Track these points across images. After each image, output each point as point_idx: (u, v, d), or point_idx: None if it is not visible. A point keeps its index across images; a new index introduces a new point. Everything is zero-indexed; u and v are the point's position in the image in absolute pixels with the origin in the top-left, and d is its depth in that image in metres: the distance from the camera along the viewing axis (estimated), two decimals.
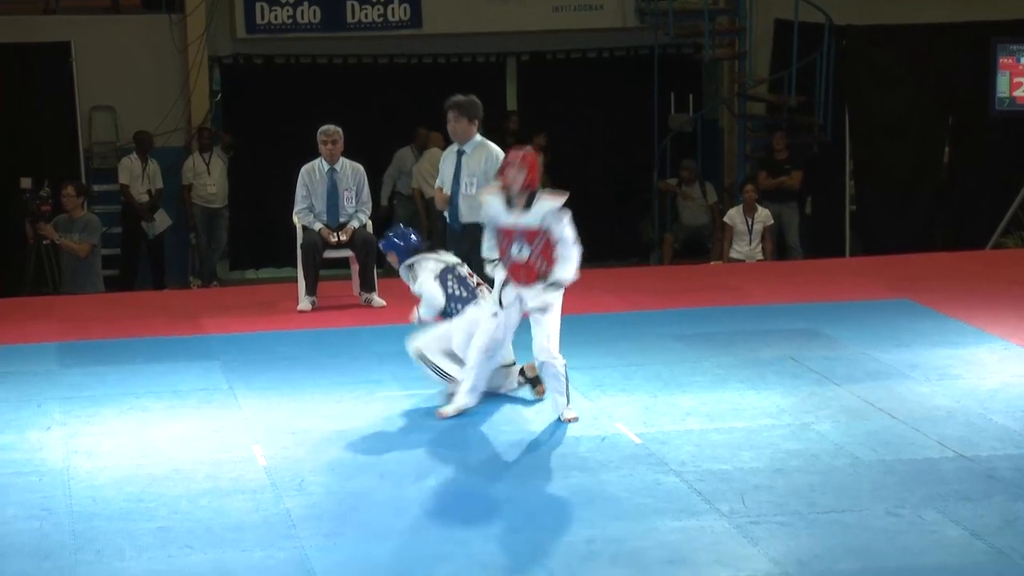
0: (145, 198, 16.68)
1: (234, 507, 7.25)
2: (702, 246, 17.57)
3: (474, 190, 9.79)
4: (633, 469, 7.74)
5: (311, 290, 11.83)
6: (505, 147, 17.52)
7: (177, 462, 7.93)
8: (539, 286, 8.33)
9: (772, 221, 16.07)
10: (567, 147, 18.44)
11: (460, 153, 9.85)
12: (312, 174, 11.91)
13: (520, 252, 8.29)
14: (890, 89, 17.63)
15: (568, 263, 8.34)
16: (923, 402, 8.91)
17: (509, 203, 8.30)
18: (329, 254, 11.87)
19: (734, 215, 16.06)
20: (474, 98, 9.99)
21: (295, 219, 12.05)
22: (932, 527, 6.87)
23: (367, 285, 11.86)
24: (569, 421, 8.44)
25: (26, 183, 14.75)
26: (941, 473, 7.61)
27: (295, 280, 12.10)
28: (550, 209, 8.27)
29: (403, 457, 8.04)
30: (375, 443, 8.30)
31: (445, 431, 8.41)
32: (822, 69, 17.20)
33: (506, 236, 8.33)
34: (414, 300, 9.01)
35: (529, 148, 8.51)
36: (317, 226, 11.78)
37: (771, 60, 18.38)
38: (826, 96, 17.30)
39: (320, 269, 11.93)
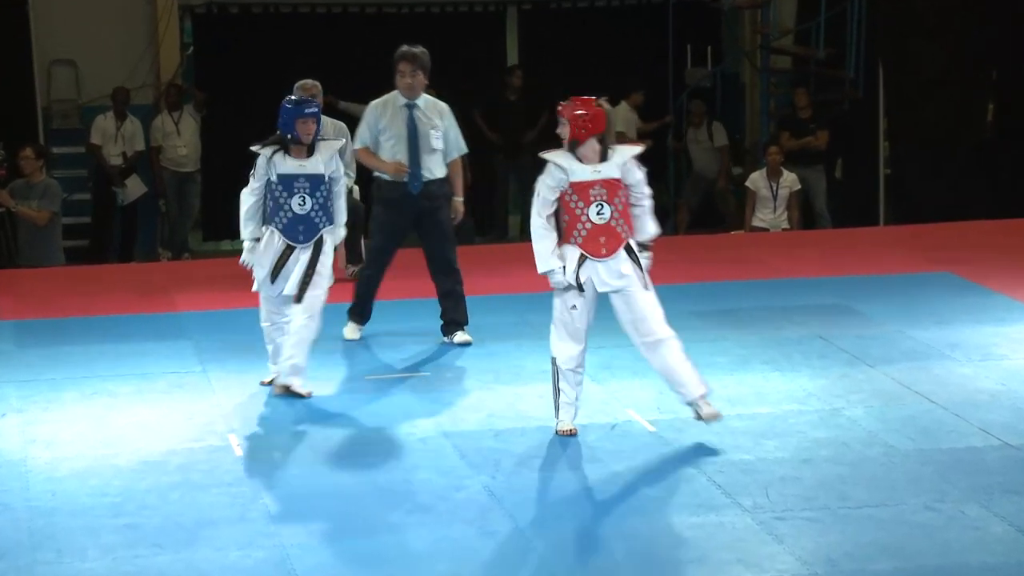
0: (119, 161, 16.64)
1: (208, 502, 7.24)
2: (716, 211, 17.55)
3: (440, 144, 9.89)
4: (646, 460, 7.73)
5: None
6: (507, 104, 17.70)
7: (145, 452, 7.92)
8: (622, 256, 7.96)
9: (799, 186, 16.04)
10: None
11: (411, 107, 9.86)
12: None
13: (600, 213, 7.92)
14: (928, 40, 17.55)
15: (651, 215, 8.11)
16: (965, 385, 8.90)
17: (580, 160, 7.99)
18: None
19: (757, 180, 16.03)
20: (424, 49, 10.05)
21: None
22: (975, 523, 6.86)
23: (353, 257, 11.83)
24: (715, 417, 8.03)
25: None
26: (984, 463, 7.60)
27: None
28: (631, 155, 8.03)
29: (392, 447, 8.04)
30: (362, 432, 8.30)
31: (440, 418, 8.40)
32: (853, 18, 17.17)
33: (582, 196, 7.97)
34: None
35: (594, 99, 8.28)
36: None
37: (797, 8, 18.35)
38: (858, 48, 17.26)
39: None
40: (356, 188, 11.90)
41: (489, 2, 18.61)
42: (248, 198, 9.01)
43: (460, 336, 9.94)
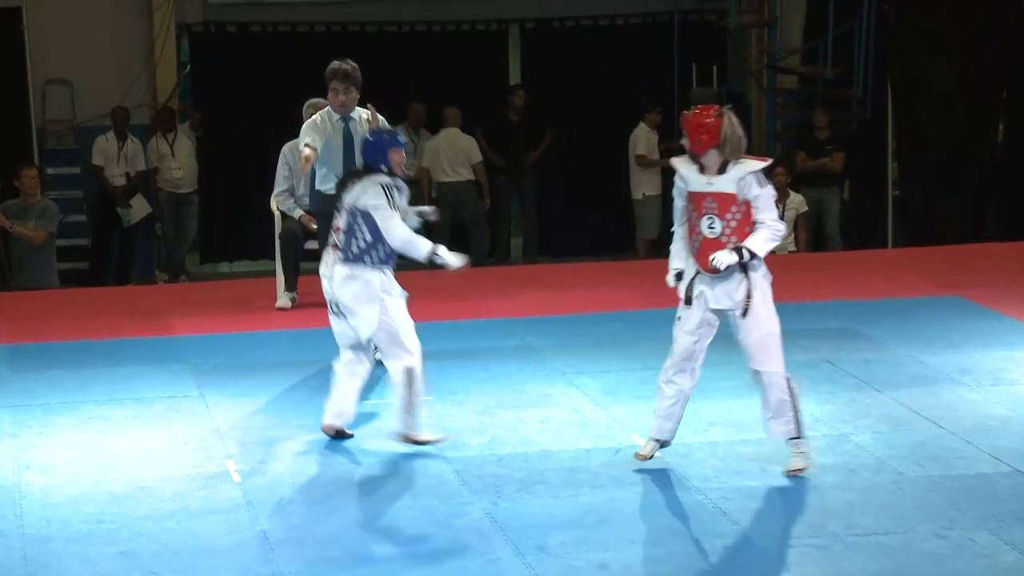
0: (121, 181, 16.69)
1: (205, 529, 7.24)
2: None
3: None
4: (650, 485, 7.74)
5: (291, 286, 11.83)
6: (509, 124, 17.72)
7: (141, 478, 7.93)
8: (737, 276, 7.75)
9: (806, 208, 16.06)
10: (577, 125, 18.45)
11: (347, 121, 9.99)
12: (295, 153, 11.87)
13: (712, 227, 7.72)
14: (937, 59, 17.59)
15: (763, 233, 7.69)
16: (974, 410, 8.91)
17: (701, 169, 7.78)
18: (311, 245, 11.85)
19: None
20: (355, 64, 10.11)
21: (273, 205, 12.04)
22: (985, 550, 6.86)
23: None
24: (797, 472, 7.81)
25: None
26: (995, 490, 7.61)
27: (273, 274, 12.11)
28: (750, 171, 7.77)
29: (394, 473, 8.04)
30: (362, 457, 8.30)
31: (442, 444, 8.39)
32: (861, 37, 17.20)
33: (697, 207, 7.78)
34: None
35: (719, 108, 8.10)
36: (298, 213, 11.76)
37: (804, 27, 18.38)
38: (866, 67, 17.29)
39: (301, 262, 11.93)
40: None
41: (491, 20, 18.65)
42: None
43: None
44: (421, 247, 8.33)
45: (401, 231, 8.30)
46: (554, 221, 18.39)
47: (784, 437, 7.85)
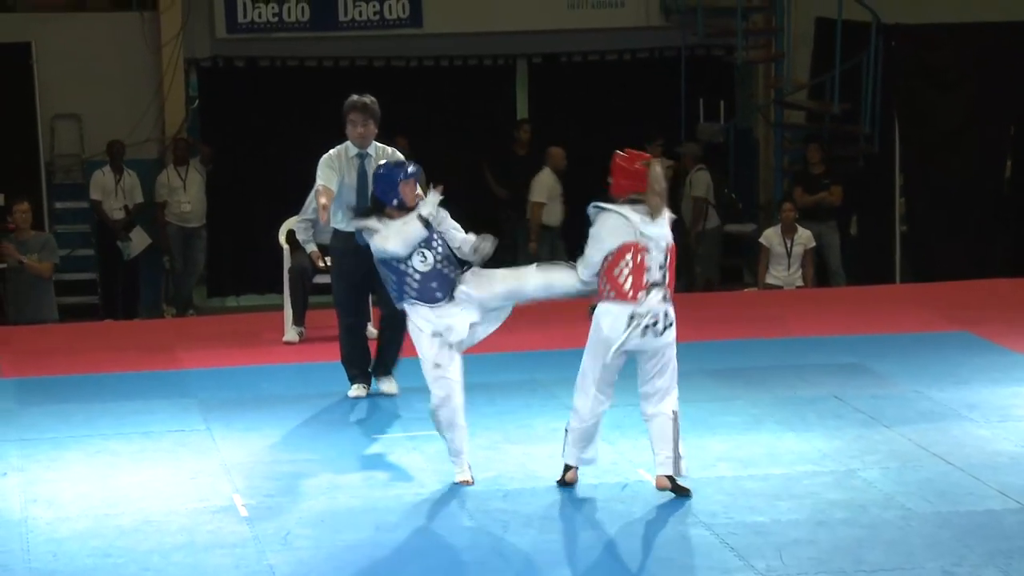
0: (120, 214, 16.72)
1: (212, 563, 7.24)
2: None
3: None
4: (657, 521, 7.73)
5: (299, 320, 11.85)
6: (516, 159, 17.76)
7: (148, 512, 7.93)
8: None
9: (813, 243, 16.07)
10: (583, 160, 18.45)
11: (363, 156, 9.92)
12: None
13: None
14: (945, 95, 17.65)
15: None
16: (983, 447, 8.90)
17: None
18: (319, 279, 11.88)
19: (771, 236, 16.06)
20: (374, 98, 10.08)
21: (281, 238, 12.08)
22: None
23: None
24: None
25: None
26: (1003, 527, 7.60)
27: (280, 308, 12.13)
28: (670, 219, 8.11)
29: (401, 507, 8.04)
30: (370, 491, 8.30)
31: (448, 479, 8.39)
32: (869, 73, 17.22)
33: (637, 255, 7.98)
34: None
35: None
36: (311, 247, 11.75)
37: (811, 63, 18.41)
38: (873, 103, 17.31)
39: (309, 296, 11.95)
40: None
41: (499, 55, 18.70)
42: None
43: (387, 384, 10.11)
44: (412, 233, 8.26)
45: (389, 245, 8.28)
46: (560, 255, 18.38)
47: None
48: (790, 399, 9.92)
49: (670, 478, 8.04)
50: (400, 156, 9.85)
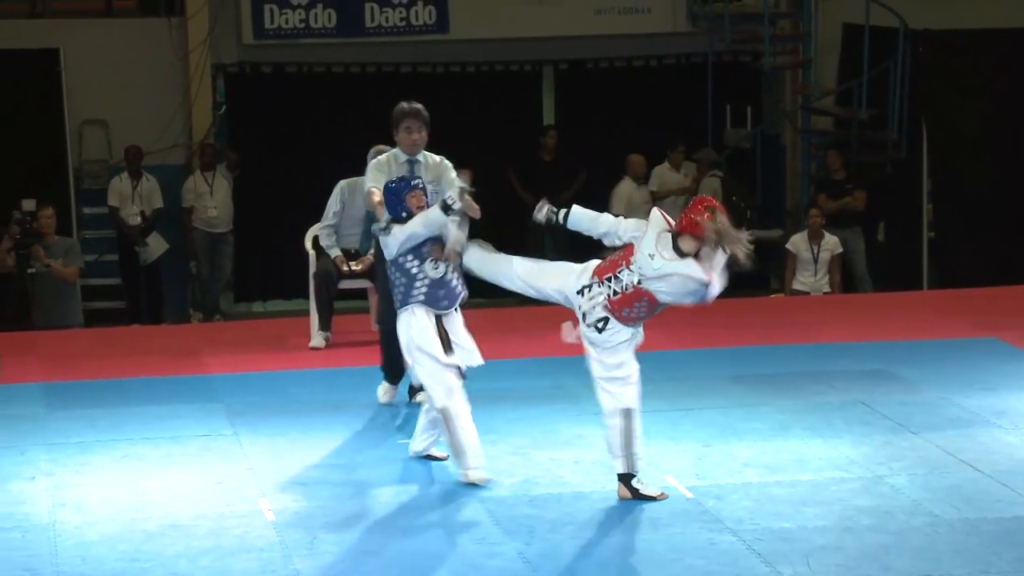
0: (137, 220, 16.76)
1: (239, 567, 7.26)
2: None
3: None
4: (684, 527, 7.72)
5: (325, 325, 11.86)
6: (542, 164, 17.78)
7: (175, 517, 7.95)
8: None
9: (840, 249, 16.05)
10: (610, 166, 18.47)
11: (413, 163, 9.77)
12: (355, 194, 11.67)
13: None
14: (972, 101, 17.60)
15: None
16: (1011, 453, 8.87)
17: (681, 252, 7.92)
18: (345, 284, 11.90)
19: (798, 242, 16.05)
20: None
21: (307, 243, 12.09)
22: None
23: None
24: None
25: (29, 205, 14.88)
26: None
27: (307, 313, 12.15)
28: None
29: (426, 512, 8.05)
30: (396, 496, 8.31)
31: (473, 484, 8.39)
32: (896, 79, 17.19)
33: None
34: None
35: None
36: (335, 252, 11.77)
37: (839, 69, 18.38)
38: (901, 109, 17.28)
39: (335, 301, 11.97)
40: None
41: (525, 61, 18.70)
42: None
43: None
44: (432, 215, 8.38)
45: (408, 227, 8.40)
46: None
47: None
48: (817, 405, 9.90)
49: (621, 476, 8.17)
50: (449, 165, 9.74)
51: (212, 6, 17.53)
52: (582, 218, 8.42)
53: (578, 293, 8.22)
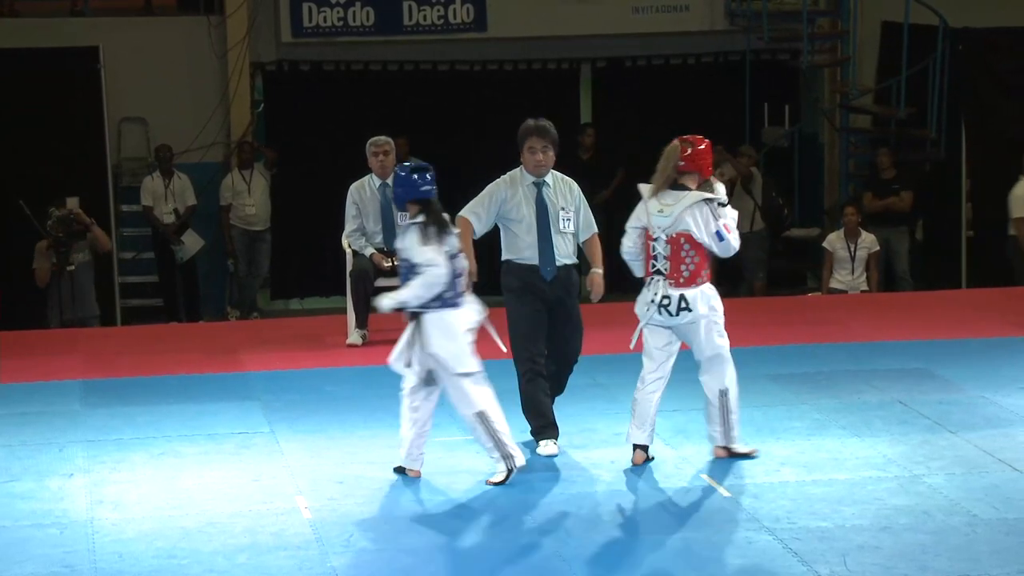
0: (171, 218, 16.81)
1: (275, 565, 7.28)
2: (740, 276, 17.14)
3: (571, 227, 9.23)
4: (721, 526, 7.71)
5: (362, 323, 11.89)
6: (579, 163, 17.80)
7: (212, 514, 7.98)
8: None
9: (877, 247, 15.99)
10: (648, 164, 18.41)
11: (540, 185, 9.16)
12: (362, 191, 11.97)
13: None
14: (1012, 99, 17.50)
15: None
16: None
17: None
18: (382, 282, 11.91)
19: (834, 240, 16.00)
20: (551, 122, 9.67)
21: (344, 243, 12.12)
22: None
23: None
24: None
25: (72, 203, 14.99)
26: None
27: (344, 311, 12.17)
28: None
29: (463, 510, 8.06)
30: (432, 494, 8.32)
31: (510, 482, 8.40)
32: (935, 77, 17.11)
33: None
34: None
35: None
36: (369, 251, 11.83)
37: (878, 67, 18.31)
38: (940, 108, 17.20)
39: (372, 299, 11.98)
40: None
41: (562, 59, 18.69)
42: None
43: (549, 446, 8.98)
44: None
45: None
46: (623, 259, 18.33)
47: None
48: (855, 404, 9.87)
49: (724, 448, 8.75)
50: (577, 188, 9.23)
51: (251, 4, 17.59)
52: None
53: (656, 310, 8.72)
